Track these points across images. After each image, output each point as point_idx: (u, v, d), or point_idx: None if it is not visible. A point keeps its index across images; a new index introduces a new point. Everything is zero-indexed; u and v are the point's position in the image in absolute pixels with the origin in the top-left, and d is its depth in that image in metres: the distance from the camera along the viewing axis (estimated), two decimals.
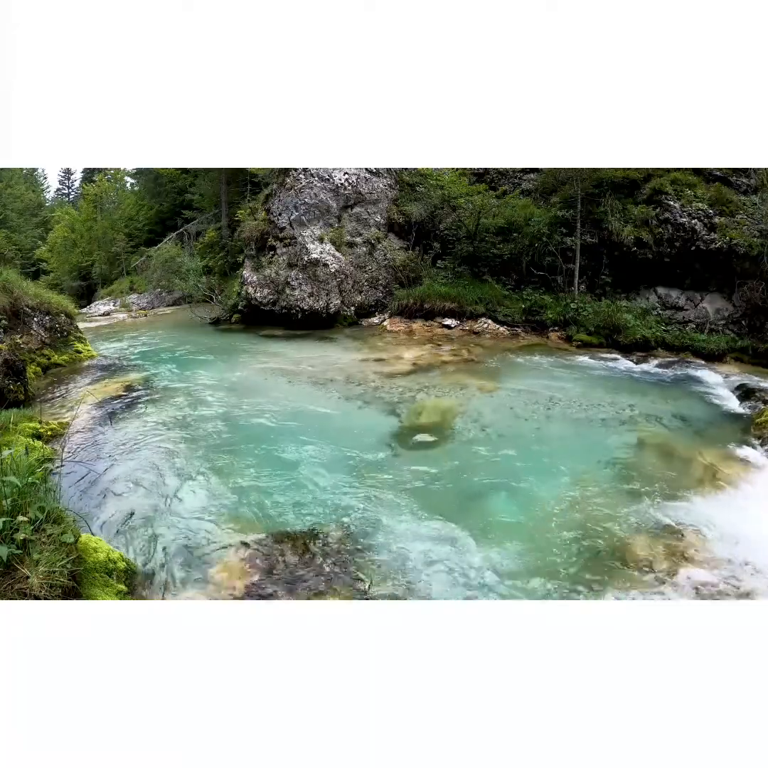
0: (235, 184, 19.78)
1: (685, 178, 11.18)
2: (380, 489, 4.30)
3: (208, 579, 3.23)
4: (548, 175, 12.76)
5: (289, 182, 12.71)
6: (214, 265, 18.26)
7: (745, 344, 9.73)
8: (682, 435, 5.74)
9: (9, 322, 7.10)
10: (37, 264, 30.61)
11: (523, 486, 4.43)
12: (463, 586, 3.24)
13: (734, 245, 10.15)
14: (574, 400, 6.78)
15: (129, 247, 24.59)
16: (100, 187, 26.95)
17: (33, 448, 4.12)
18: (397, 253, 13.25)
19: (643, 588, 3.27)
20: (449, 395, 6.88)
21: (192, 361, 8.80)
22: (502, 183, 13.52)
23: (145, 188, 27.76)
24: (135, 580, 3.16)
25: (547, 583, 3.28)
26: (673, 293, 11.11)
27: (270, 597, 3.09)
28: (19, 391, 5.64)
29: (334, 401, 6.62)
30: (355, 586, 3.22)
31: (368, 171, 13.33)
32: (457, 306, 11.67)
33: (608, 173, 11.42)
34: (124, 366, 7.97)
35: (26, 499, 2.64)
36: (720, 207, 10.63)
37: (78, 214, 28.43)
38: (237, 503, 4.03)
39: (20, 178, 36.82)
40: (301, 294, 12.02)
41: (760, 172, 10.66)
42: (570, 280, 11.68)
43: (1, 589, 2.23)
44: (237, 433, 5.34)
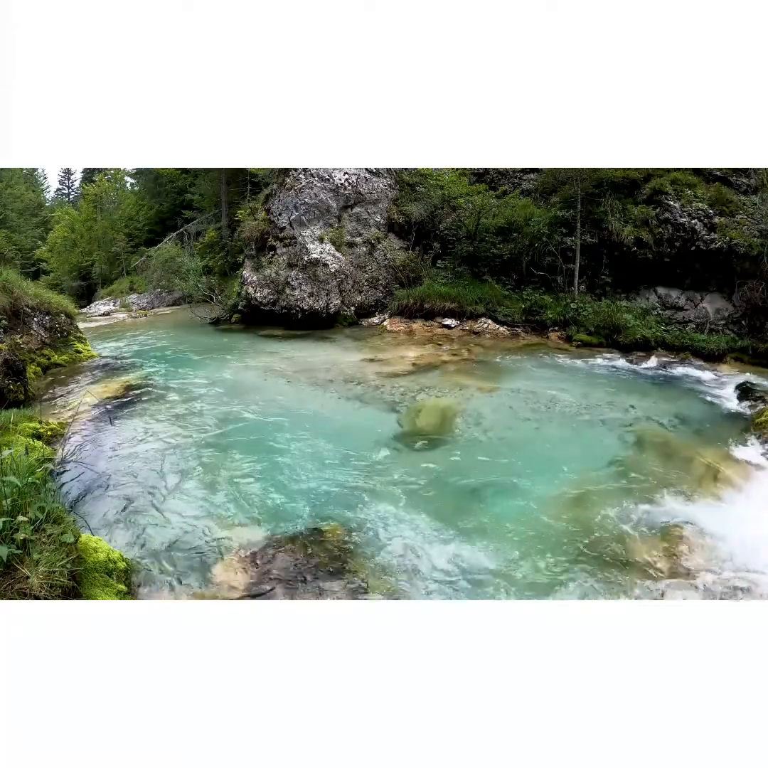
0: (235, 184, 19.78)
1: (685, 178, 11.18)
2: (380, 488, 4.30)
3: (208, 579, 3.23)
4: (548, 175, 12.76)
5: (289, 182, 12.71)
6: (214, 265, 18.26)
7: (745, 344, 9.73)
8: (682, 435, 5.74)
9: (9, 322, 7.11)
10: (37, 264, 30.61)
11: (523, 485, 4.42)
12: (463, 586, 3.24)
13: (734, 245, 10.15)
14: (574, 400, 6.77)
15: (129, 247, 24.60)
16: (100, 187, 26.96)
17: (33, 448, 4.12)
18: (397, 253, 13.25)
19: (643, 588, 3.27)
20: (449, 395, 6.88)
21: (192, 361, 8.80)
22: (502, 183, 13.52)
23: (145, 188, 27.77)
24: (135, 580, 3.16)
25: (547, 583, 3.28)
26: (673, 293, 11.11)
27: (270, 597, 3.09)
28: (19, 391, 5.64)
29: (334, 401, 6.62)
30: (354, 585, 3.22)
31: (368, 171, 13.33)
32: (457, 306, 11.67)
33: (608, 173, 11.42)
34: (124, 366, 7.97)
35: (26, 499, 2.64)
36: (720, 207, 10.63)
37: (78, 214, 28.43)
38: (237, 503, 4.03)
39: (20, 178, 36.82)
40: (301, 294, 12.02)
41: (760, 172, 10.66)
42: (570, 280, 11.68)
43: (1, 589, 2.23)
44: (237, 433, 5.35)
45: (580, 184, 11.36)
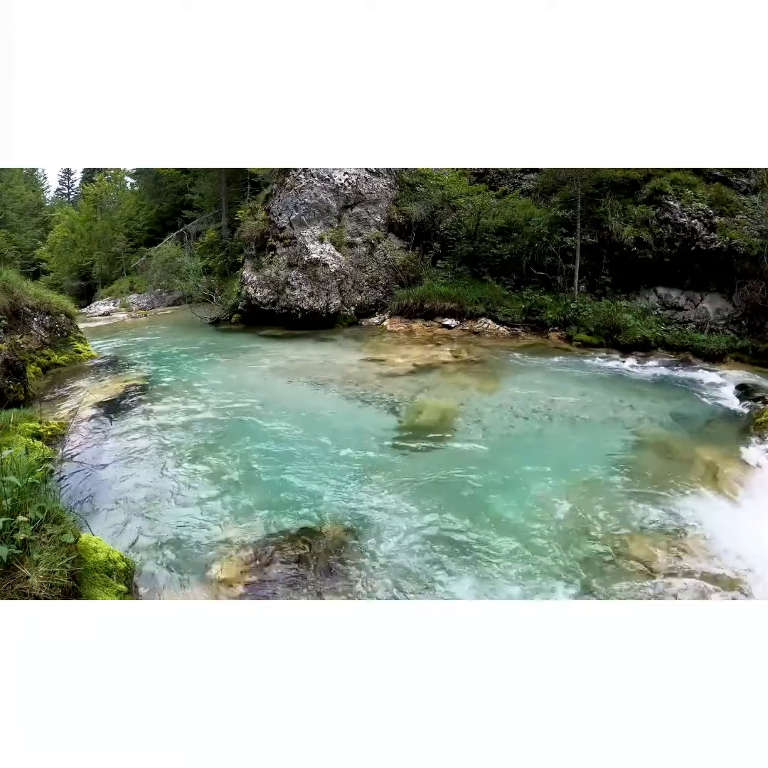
0: (235, 184, 19.79)
1: (685, 178, 11.18)
2: (380, 488, 4.30)
3: (207, 578, 3.23)
4: (548, 175, 12.76)
5: (289, 182, 12.72)
6: (214, 265, 18.27)
7: (745, 344, 9.73)
8: (682, 435, 5.74)
9: (9, 322, 7.11)
10: (37, 264, 30.62)
11: (523, 485, 4.42)
12: (463, 586, 3.24)
13: (734, 245, 10.15)
14: (574, 400, 6.78)
15: (129, 247, 24.61)
16: (100, 187, 26.97)
17: (33, 448, 4.12)
18: (397, 253, 13.25)
19: (643, 588, 3.27)
20: (449, 395, 6.88)
21: (191, 361, 8.80)
22: (502, 183, 13.52)
23: (145, 188, 27.78)
24: (135, 580, 3.16)
25: (547, 583, 3.28)
26: (673, 293, 11.11)
27: (270, 597, 3.09)
28: (19, 391, 5.64)
29: (334, 401, 6.62)
30: (354, 585, 3.22)
31: (368, 171, 13.33)
32: (457, 306, 11.67)
33: (608, 173, 11.43)
34: (123, 366, 7.98)
35: (26, 499, 2.64)
36: (720, 207, 10.63)
37: (78, 214, 28.44)
38: (237, 503, 4.03)
39: (20, 178, 36.82)
40: (301, 294, 12.03)
41: (760, 172, 10.66)
42: (570, 280, 11.68)
43: (1, 589, 2.23)
44: (236, 432, 5.35)
45: (580, 184, 11.36)
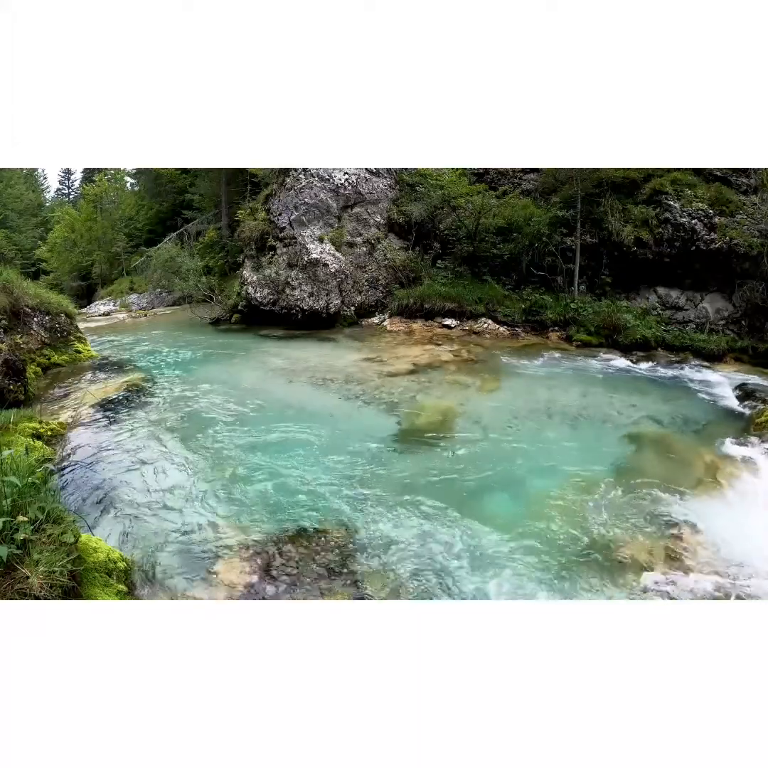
0: (235, 184, 19.79)
1: (685, 178, 11.18)
2: (380, 488, 4.30)
3: (207, 579, 3.23)
4: (548, 175, 12.77)
5: (289, 182, 12.72)
6: (214, 265, 18.27)
7: (745, 344, 9.73)
8: (682, 435, 5.74)
9: (9, 322, 7.10)
10: (37, 264, 30.61)
11: (523, 485, 4.43)
12: (462, 585, 3.24)
13: (734, 245, 10.15)
14: (574, 400, 6.78)
15: (129, 247, 24.61)
16: (100, 187, 26.94)
17: (33, 448, 4.12)
18: (397, 253, 13.25)
19: (642, 588, 3.27)
20: (449, 395, 6.88)
21: (191, 361, 8.80)
22: (502, 183, 13.53)
23: (145, 188, 27.78)
24: (135, 579, 3.16)
25: (547, 583, 3.28)
26: (673, 293, 11.11)
27: (270, 597, 3.09)
28: (19, 391, 5.64)
29: (334, 401, 6.62)
30: (354, 585, 3.22)
31: (368, 171, 13.33)
32: (457, 306, 11.68)
33: (608, 173, 11.43)
34: (123, 366, 7.97)
35: (26, 499, 2.64)
36: (720, 207, 10.63)
37: (78, 214, 28.41)
38: (237, 503, 4.03)
39: (20, 178, 36.81)
40: (301, 294, 12.02)
41: (760, 172, 10.66)
42: (570, 280, 11.68)
43: (1, 589, 2.23)
44: (236, 432, 5.34)
45: (580, 184, 11.36)
